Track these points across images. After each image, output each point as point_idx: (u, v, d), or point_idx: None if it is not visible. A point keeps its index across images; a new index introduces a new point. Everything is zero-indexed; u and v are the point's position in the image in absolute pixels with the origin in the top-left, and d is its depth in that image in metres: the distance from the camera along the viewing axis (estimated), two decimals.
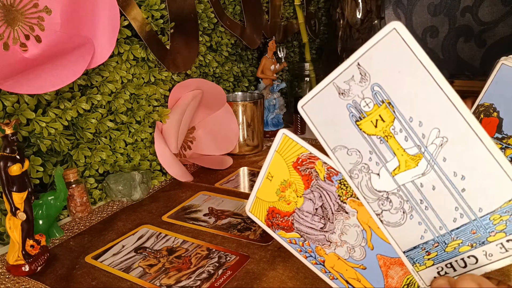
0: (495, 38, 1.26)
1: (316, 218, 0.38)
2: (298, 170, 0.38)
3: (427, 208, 0.36)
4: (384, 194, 0.37)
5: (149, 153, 0.73)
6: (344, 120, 0.37)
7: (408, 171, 0.36)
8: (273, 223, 0.39)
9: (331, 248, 0.38)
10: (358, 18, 1.13)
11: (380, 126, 0.36)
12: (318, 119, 0.38)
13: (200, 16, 0.82)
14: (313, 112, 0.38)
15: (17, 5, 0.52)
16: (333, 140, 0.38)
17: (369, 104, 0.36)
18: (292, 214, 0.38)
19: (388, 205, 0.37)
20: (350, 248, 0.38)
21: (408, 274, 0.38)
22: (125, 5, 0.64)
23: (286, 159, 0.38)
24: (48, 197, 0.55)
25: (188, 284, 0.45)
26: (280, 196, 0.38)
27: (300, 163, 0.38)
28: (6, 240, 0.54)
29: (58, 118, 0.58)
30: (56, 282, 0.47)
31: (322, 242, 0.38)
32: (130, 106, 0.69)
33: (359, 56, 0.35)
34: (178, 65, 0.77)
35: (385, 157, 0.36)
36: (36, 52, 0.53)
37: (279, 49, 1.03)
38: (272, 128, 0.99)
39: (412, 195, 0.36)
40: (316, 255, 0.38)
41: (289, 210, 0.38)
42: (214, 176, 0.77)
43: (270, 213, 0.38)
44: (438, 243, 0.36)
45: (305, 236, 0.38)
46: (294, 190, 0.38)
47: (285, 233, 0.38)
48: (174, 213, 0.63)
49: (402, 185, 0.36)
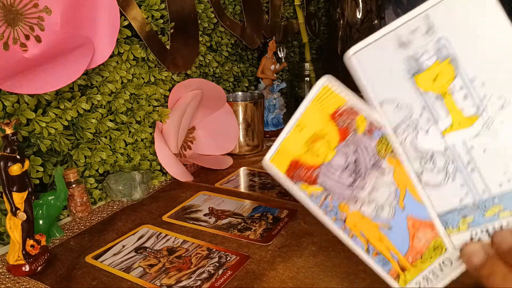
0: None
1: (346, 173, 0.35)
2: (335, 122, 0.35)
3: (473, 170, 0.35)
4: (429, 153, 0.35)
5: (149, 153, 0.73)
6: (399, 72, 0.35)
7: (461, 131, 0.34)
8: (295, 175, 0.35)
9: (356, 206, 0.35)
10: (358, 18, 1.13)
11: (439, 82, 0.34)
12: (369, 69, 0.35)
13: (200, 16, 0.82)
14: (365, 61, 0.35)
15: (17, 5, 0.52)
16: (383, 93, 0.35)
17: (431, 58, 0.34)
18: (319, 167, 0.35)
19: (431, 165, 0.35)
20: (379, 207, 0.35)
21: (437, 237, 0.36)
22: (125, 5, 0.64)
23: (324, 110, 0.35)
24: (48, 197, 0.55)
25: (189, 284, 0.45)
26: (310, 147, 0.35)
27: (339, 115, 0.35)
28: (6, 240, 0.54)
29: (58, 118, 0.58)
30: (57, 282, 0.47)
31: (348, 198, 0.35)
32: (130, 106, 0.69)
33: (428, 7, 0.33)
34: (178, 65, 0.77)
35: (438, 114, 0.35)
36: (36, 52, 0.53)
37: (279, 49, 1.03)
38: (272, 128, 0.99)
39: (460, 156, 0.35)
40: (339, 211, 0.35)
41: (317, 163, 0.35)
42: (214, 176, 0.77)
43: (294, 164, 0.35)
44: (478, 207, 0.35)
45: (330, 190, 0.35)
46: (327, 142, 0.35)
47: (308, 186, 0.35)
48: (174, 213, 0.63)
49: (451, 145, 0.35)
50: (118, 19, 0.58)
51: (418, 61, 0.34)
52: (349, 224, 0.35)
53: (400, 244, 0.36)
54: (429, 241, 0.36)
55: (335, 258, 0.49)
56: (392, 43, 0.34)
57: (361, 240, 0.35)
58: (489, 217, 0.35)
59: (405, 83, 0.35)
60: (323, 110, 0.34)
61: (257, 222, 0.58)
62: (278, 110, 1.00)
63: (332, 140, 0.35)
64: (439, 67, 0.34)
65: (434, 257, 0.36)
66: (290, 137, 0.35)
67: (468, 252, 0.34)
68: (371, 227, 0.35)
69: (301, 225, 0.57)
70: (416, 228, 0.36)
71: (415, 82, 0.34)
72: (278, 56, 1.03)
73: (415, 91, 0.35)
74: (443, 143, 0.35)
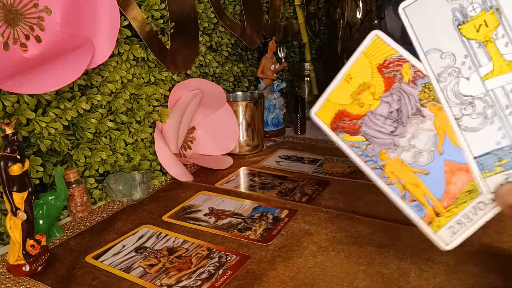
0: None
1: (388, 122, 0.37)
2: (382, 73, 0.37)
3: (510, 114, 0.36)
4: (469, 99, 0.37)
5: (149, 153, 0.73)
6: (446, 23, 0.37)
7: (501, 76, 0.36)
8: (338, 126, 0.37)
9: (396, 152, 0.37)
10: (358, 18, 1.13)
11: (482, 30, 0.36)
12: (418, 20, 0.38)
13: (200, 16, 0.82)
14: (414, 14, 0.38)
15: (17, 5, 0.52)
16: (429, 43, 0.38)
17: (476, 9, 0.36)
18: (363, 117, 0.37)
19: (470, 110, 0.37)
20: (418, 153, 0.37)
21: (472, 181, 0.37)
22: (125, 5, 0.64)
23: (372, 61, 0.37)
24: (48, 197, 0.55)
25: (189, 284, 0.45)
26: (355, 98, 0.37)
27: (387, 65, 0.37)
28: (6, 240, 0.54)
29: (58, 118, 0.58)
30: (57, 282, 0.47)
31: (388, 146, 0.37)
32: (130, 106, 0.69)
33: None
34: (178, 65, 0.77)
35: (480, 61, 0.36)
36: (36, 52, 0.53)
37: (279, 49, 1.03)
38: (272, 128, 0.99)
39: (499, 100, 0.36)
40: (378, 159, 0.37)
41: (361, 113, 0.37)
42: (214, 176, 0.77)
43: (339, 115, 0.37)
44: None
45: (371, 139, 0.37)
46: (372, 93, 0.37)
47: (349, 137, 0.37)
48: (174, 213, 0.63)
49: (491, 90, 0.36)
50: (118, 19, 0.58)
51: (464, 11, 0.36)
52: (387, 171, 0.37)
53: (435, 189, 0.37)
54: (464, 185, 0.37)
55: (335, 258, 0.49)
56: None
57: (398, 187, 0.37)
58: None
59: (451, 33, 0.37)
60: (372, 62, 0.36)
61: (257, 222, 0.58)
62: (278, 110, 0.99)
63: (377, 90, 0.36)
64: (483, 17, 0.36)
65: (469, 201, 0.37)
66: (337, 89, 0.36)
67: (502, 193, 0.36)
68: (409, 173, 0.37)
69: (301, 225, 0.57)
70: (452, 172, 0.37)
71: (460, 32, 0.37)
72: (278, 56, 1.03)
73: (460, 40, 0.37)
74: (483, 88, 0.37)
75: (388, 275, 0.45)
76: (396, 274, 0.45)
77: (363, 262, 0.48)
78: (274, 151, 0.89)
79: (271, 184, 0.72)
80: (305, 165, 0.80)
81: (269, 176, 0.75)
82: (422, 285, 0.43)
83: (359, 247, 0.50)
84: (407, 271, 0.45)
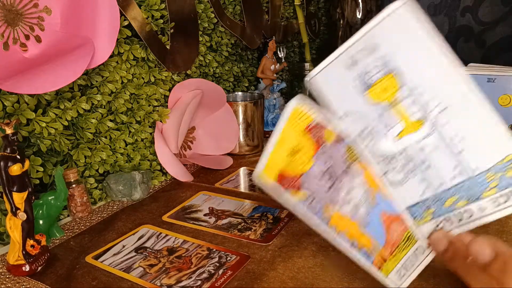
0: (495, 38, 1.26)
1: (324, 178, 0.39)
2: (309, 135, 0.39)
3: (428, 167, 0.40)
4: (389, 156, 0.40)
5: (149, 153, 0.73)
6: (353, 89, 0.40)
7: (412, 134, 0.39)
8: (282, 184, 0.38)
9: (337, 205, 0.39)
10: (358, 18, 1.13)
11: (387, 93, 0.39)
12: (326, 89, 0.41)
13: (200, 16, 0.82)
14: (323, 83, 0.41)
15: (17, 5, 0.52)
16: (343, 107, 0.41)
17: (378, 74, 0.39)
18: (302, 175, 0.38)
19: (393, 165, 0.41)
20: (355, 206, 0.39)
21: (407, 229, 0.41)
22: (125, 5, 0.64)
23: (296, 128, 0.39)
24: (48, 197, 0.55)
25: (189, 284, 0.45)
26: (291, 160, 0.38)
27: (310, 129, 0.39)
28: (6, 240, 0.54)
29: (58, 118, 0.58)
30: (57, 282, 0.47)
31: (329, 200, 0.38)
32: (130, 106, 0.69)
33: (370, 28, 0.39)
34: (178, 65, 0.77)
35: (391, 122, 0.40)
36: (36, 52, 0.53)
37: (279, 49, 1.03)
38: (272, 128, 0.99)
39: (415, 156, 0.40)
40: (322, 214, 0.38)
41: (299, 172, 0.38)
42: (214, 176, 0.77)
43: (280, 177, 0.38)
44: (437, 199, 0.40)
45: (313, 195, 0.38)
46: (305, 154, 0.38)
47: (295, 192, 0.38)
48: (174, 213, 0.63)
49: (406, 147, 0.40)
50: (118, 19, 0.58)
51: (367, 77, 0.40)
52: (333, 224, 0.38)
53: (378, 238, 0.40)
54: (402, 232, 0.41)
55: (335, 258, 0.49)
56: (343, 64, 0.40)
57: (346, 237, 0.38)
58: (448, 207, 0.40)
59: (359, 97, 0.40)
60: (296, 127, 0.38)
61: (257, 222, 0.58)
62: (278, 110, 1.00)
63: (309, 151, 0.39)
64: (385, 81, 0.39)
65: (409, 247, 0.41)
66: (273, 153, 0.38)
67: (433, 240, 0.40)
68: (352, 225, 0.39)
69: (301, 225, 0.57)
70: (390, 221, 0.40)
71: (369, 95, 0.40)
72: (278, 56, 1.03)
73: (369, 103, 0.40)
74: (400, 146, 0.40)
75: None
76: None
77: None
78: None
79: None
80: None
81: None
82: (422, 285, 0.43)
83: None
84: None
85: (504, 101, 0.62)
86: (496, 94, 0.62)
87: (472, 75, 0.64)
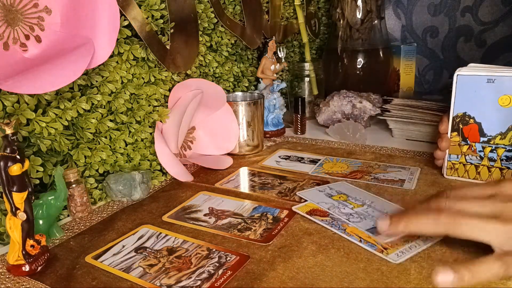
0: (495, 38, 1.26)
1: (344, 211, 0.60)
2: None
3: None
4: None
5: (149, 153, 0.73)
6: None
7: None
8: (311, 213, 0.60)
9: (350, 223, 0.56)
10: (358, 18, 1.12)
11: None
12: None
13: (200, 16, 0.82)
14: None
15: (17, 5, 0.52)
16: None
17: None
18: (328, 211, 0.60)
19: None
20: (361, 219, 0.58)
21: None
22: (125, 5, 0.64)
23: None
24: (48, 197, 0.55)
25: (189, 284, 0.45)
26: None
27: None
28: (6, 240, 0.54)
29: (58, 118, 0.58)
30: (56, 282, 0.47)
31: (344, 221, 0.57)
32: (130, 106, 0.69)
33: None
34: (178, 65, 0.77)
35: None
36: (36, 52, 0.53)
37: (279, 49, 1.03)
38: (272, 128, 0.99)
39: None
40: (341, 226, 0.56)
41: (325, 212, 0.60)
42: (214, 176, 0.77)
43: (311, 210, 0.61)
44: None
45: (334, 217, 0.58)
46: None
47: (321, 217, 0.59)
48: (174, 213, 0.63)
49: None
50: (118, 19, 0.58)
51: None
52: (348, 231, 0.54)
53: None
54: None
55: (335, 258, 0.49)
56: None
57: (355, 237, 0.53)
58: None
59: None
60: None
61: (257, 222, 0.58)
62: (278, 110, 0.99)
63: None
64: None
65: None
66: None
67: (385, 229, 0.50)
68: (360, 232, 0.54)
69: (301, 225, 0.57)
70: None
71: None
72: (278, 56, 1.03)
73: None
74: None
75: (387, 273, 0.45)
76: (396, 271, 0.45)
77: (363, 259, 0.48)
78: (274, 151, 0.89)
79: (271, 184, 0.72)
80: (305, 165, 0.80)
81: (269, 176, 0.75)
82: (422, 284, 0.43)
83: (359, 245, 0.50)
84: (407, 269, 0.45)
85: (504, 102, 0.62)
86: (496, 95, 0.62)
87: (472, 75, 0.64)
